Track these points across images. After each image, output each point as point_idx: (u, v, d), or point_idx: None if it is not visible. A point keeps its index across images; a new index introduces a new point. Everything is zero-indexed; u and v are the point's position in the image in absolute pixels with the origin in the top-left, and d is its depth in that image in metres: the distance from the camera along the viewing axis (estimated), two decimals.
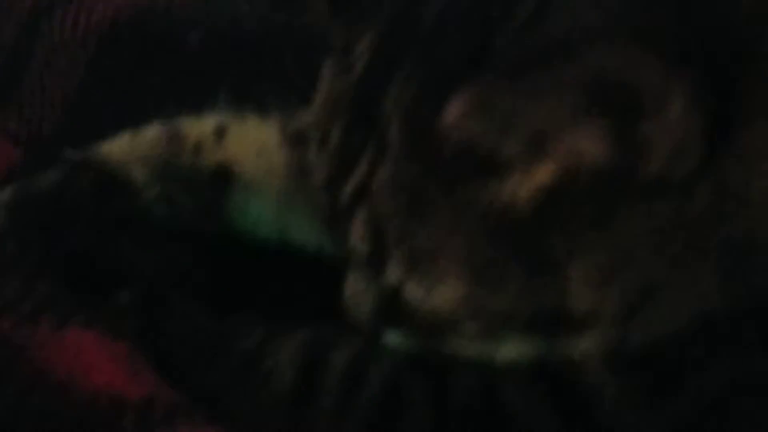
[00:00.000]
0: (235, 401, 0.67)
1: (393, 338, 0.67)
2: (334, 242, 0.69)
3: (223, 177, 0.76)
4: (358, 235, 0.60)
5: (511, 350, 0.60)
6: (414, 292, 0.60)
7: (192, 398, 0.65)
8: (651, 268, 0.54)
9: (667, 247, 0.54)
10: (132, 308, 0.71)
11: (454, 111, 0.51)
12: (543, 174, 0.52)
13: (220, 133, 0.77)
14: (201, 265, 0.77)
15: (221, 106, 0.79)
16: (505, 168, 0.52)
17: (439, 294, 0.58)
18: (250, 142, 0.77)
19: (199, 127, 0.77)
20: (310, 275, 0.77)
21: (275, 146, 0.76)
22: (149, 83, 0.90)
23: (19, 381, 0.59)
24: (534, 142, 0.51)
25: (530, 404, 0.60)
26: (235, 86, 0.81)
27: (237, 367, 0.68)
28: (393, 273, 0.59)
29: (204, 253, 0.77)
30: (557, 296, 0.54)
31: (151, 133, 0.77)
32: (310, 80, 0.68)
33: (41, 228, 0.75)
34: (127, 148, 0.76)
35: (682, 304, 0.55)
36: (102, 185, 0.75)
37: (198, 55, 0.89)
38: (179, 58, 0.90)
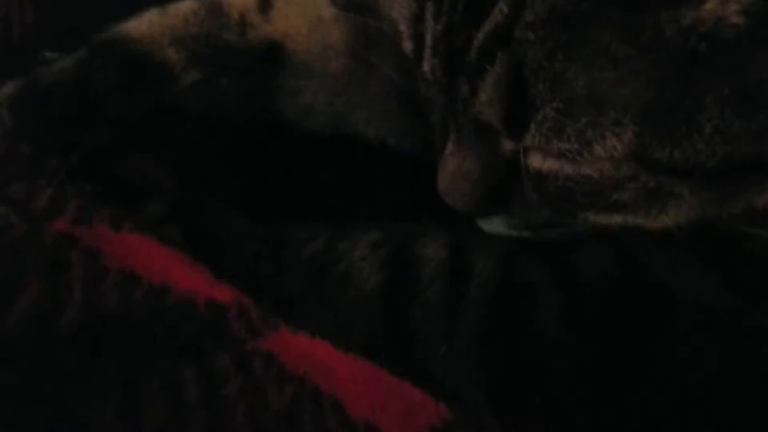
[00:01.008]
0: (312, 310, 0.58)
1: (495, 224, 0.59)
2: (429, 120, 0.59)
3: (273, 56, 0.65)
4: (487, 97, 0.51)
5: (671, 215, 0.52)
6: (556, 157, 0.51)
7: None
8: None
9: None
10: (169, 218, 0.61)
11: None
12: None
13: (264, 4, 0.65)
14: (243, 164, 0.67)
15: None
16: None
17: (597, 153, 0.49)
18: (300, 15, 0.66)
19: None
20: (370, 171, 0.68)
21: (330, 19, 0.65)
22: None
23: (111, 282, 0.48)
24: None
25: (690, 272, 0.53)
26: None
27: (306, 274, 0.59)
28: (534, 136, 0.50)
29: (247, 149, 0.67)
30: (761, 135, 0.47)
31: (186, 7, 0.65)
32: None
33: (58, 125, 0.63)
34: (157, 25, 0.64)
35: None
36: (130, 70, 0.63)
37: None
38: None
